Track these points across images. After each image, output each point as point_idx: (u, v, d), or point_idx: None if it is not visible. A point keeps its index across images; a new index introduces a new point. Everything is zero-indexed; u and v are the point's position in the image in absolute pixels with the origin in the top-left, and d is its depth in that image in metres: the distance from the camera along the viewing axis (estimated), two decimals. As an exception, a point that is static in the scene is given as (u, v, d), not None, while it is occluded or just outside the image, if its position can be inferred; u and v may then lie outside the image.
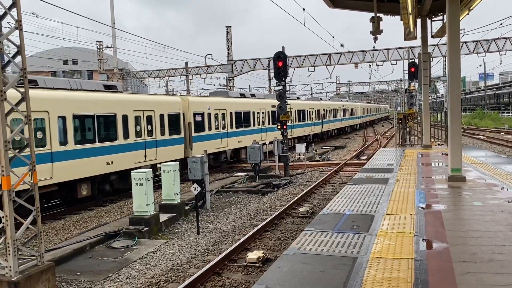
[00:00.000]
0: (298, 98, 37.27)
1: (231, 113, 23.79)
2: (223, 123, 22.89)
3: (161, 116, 18.09)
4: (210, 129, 21.56)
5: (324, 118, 40.95)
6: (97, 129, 14.77)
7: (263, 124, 27.85)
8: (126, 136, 16.07)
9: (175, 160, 17.75)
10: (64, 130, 13.54)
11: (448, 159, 10.66)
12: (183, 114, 19.57)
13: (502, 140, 30.53)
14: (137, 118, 16.73)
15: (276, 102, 26.73)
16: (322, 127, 40.02)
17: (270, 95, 33.94)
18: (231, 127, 23.78)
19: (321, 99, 46.91)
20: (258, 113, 27.29)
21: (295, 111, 31.91)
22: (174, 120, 18.94)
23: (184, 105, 19.83)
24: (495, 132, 39.12)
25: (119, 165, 15.59)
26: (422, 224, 6.78)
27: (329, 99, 55.16)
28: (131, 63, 60.52)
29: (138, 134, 16.70)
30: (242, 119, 25.06)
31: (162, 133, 18.08)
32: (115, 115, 15.65)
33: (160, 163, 16.66)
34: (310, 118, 36.32)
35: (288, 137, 23.50)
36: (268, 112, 28.71)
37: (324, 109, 40.83)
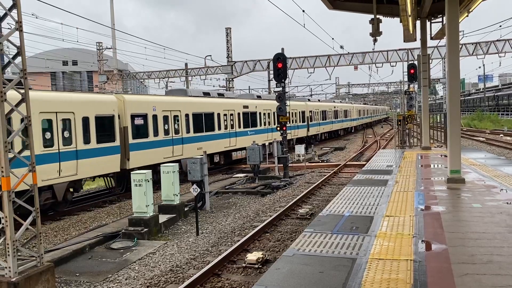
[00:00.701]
0: (259, 97, 32.08)
1: (187, 115, 19.91)
2: (176, 127, 19.05)
3: (85, 119, 14.48)
4: (156, 134, 17.73)
5: (311, 121, 37.38)
6: None
7: (232, 128, 23.75)
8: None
9: (107, 175, 15.63)
10: None
11: (447, 161, 10.68)
12: (119, 116, 16.01)
13: (501, 142, 30.57)
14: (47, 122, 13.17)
15: (249, 102, 25.82)
16: (308, 130, 36.13)
17: (246, 95, 31.71)
18: (188, 131, 19.82)
19: (308, 99, 42.97)
20: (225, 115, 23.15)
21: (272, 112, 27.93)
22: (104, 125, 15.31)
23: (119, 105, 16.15)
24: (494, 134, 39.16)
25: None
26: (421, 226, 6.79)
27: (319, 100, 48.16)
28: (131, 64, 60.58)
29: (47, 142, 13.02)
30: (204, 122, 21.08)
31: (86, 141, 14.47)
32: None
33: (83, 178, 14.52)
34: (292, 120, 32.15)
35: (262, 142, 22.99)
36: (239, 113, 24.55)
37: (310, 111, 37.24)
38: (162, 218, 11.59)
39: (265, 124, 27.98)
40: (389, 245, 5.93)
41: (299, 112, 34.62)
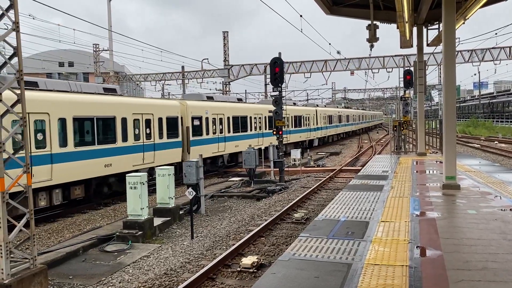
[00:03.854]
0: (239, 100, 29.05)
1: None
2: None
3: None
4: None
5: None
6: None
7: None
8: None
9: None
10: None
11: (443, 167, 10.72)
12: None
13: (496, 149, 30.73)
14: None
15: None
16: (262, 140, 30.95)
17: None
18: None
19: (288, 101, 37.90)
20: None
21: (228, 117, 24.08)
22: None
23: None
24: (489, 141, 39.37)
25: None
26: (417, 231, 6.80)
27: (294, 103, 40.65)
28: (128, 66, 60.49)
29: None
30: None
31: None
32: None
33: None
34: (255, 127, 27.71)
35: (220, 153, 22.24)
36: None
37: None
38: (157, 221, 11.54)
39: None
40: (384, 250, 5.93)
41: (263, 117, 30.25)
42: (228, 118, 23.92)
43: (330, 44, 31.55)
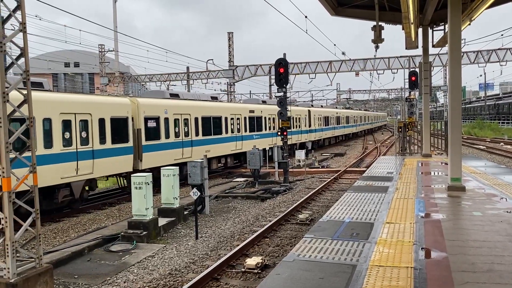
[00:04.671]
0: (215, 98, 24.90)
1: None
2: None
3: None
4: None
5: (262, 130, 27.94)
6: None
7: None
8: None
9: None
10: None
11: (448, 169, 10.68)
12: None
13: (501, 150, 30.56)
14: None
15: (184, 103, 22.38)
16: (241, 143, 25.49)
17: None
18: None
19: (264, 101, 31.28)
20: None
21: (195, 118, 20.51)
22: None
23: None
24: (495, 142, 39.16)
25: None
26: (422, 233, 6.78)
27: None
28: (133, 66, 60.72)
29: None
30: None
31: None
32: None
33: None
34: (232, 129, 24.11)
35: (186, 159, 18.03)
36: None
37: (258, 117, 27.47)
38: (162, 221, 11.57)
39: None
40: (389, 252, 5.92)
41: (244, 118, 26.42)
42: (196, 119, 20.40)
43: (335, 45, 31.52)
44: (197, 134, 20.32)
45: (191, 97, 22.24)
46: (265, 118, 27.84)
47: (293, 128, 31.68)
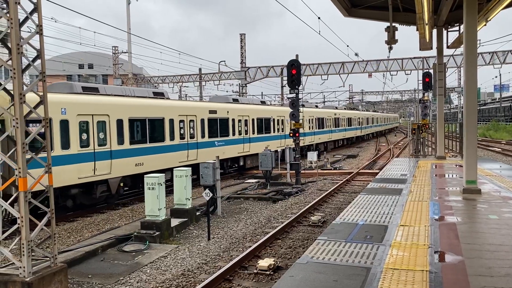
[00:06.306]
0: (159, 94, 19.64)
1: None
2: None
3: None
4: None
5: (247, 134, 24.63)
6: None
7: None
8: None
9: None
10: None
11: (463, 171, 10.53)
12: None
13: (517, 153, 30.04)
14: None
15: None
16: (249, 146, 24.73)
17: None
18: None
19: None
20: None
21: (119, 120, 15.36)
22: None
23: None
24: (510, 145, 38.54)
25: None
26: (437, 236, 6.69)
27: (262, 102, 30.57)
28: (146, 68, 61.19)
29: None
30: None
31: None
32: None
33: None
34: (182, 134, 18.92)
35: (104, 177, 13.72)
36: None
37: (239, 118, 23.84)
38: (174, 222, 11.62)
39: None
40: (404, 255, 5.85)
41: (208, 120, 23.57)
42: (121, 121, 15.35)
43: (348, 46, 31.37)
44: (121, 143, 15.35)
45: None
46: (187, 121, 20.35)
47: (274, 132, 27.41)
